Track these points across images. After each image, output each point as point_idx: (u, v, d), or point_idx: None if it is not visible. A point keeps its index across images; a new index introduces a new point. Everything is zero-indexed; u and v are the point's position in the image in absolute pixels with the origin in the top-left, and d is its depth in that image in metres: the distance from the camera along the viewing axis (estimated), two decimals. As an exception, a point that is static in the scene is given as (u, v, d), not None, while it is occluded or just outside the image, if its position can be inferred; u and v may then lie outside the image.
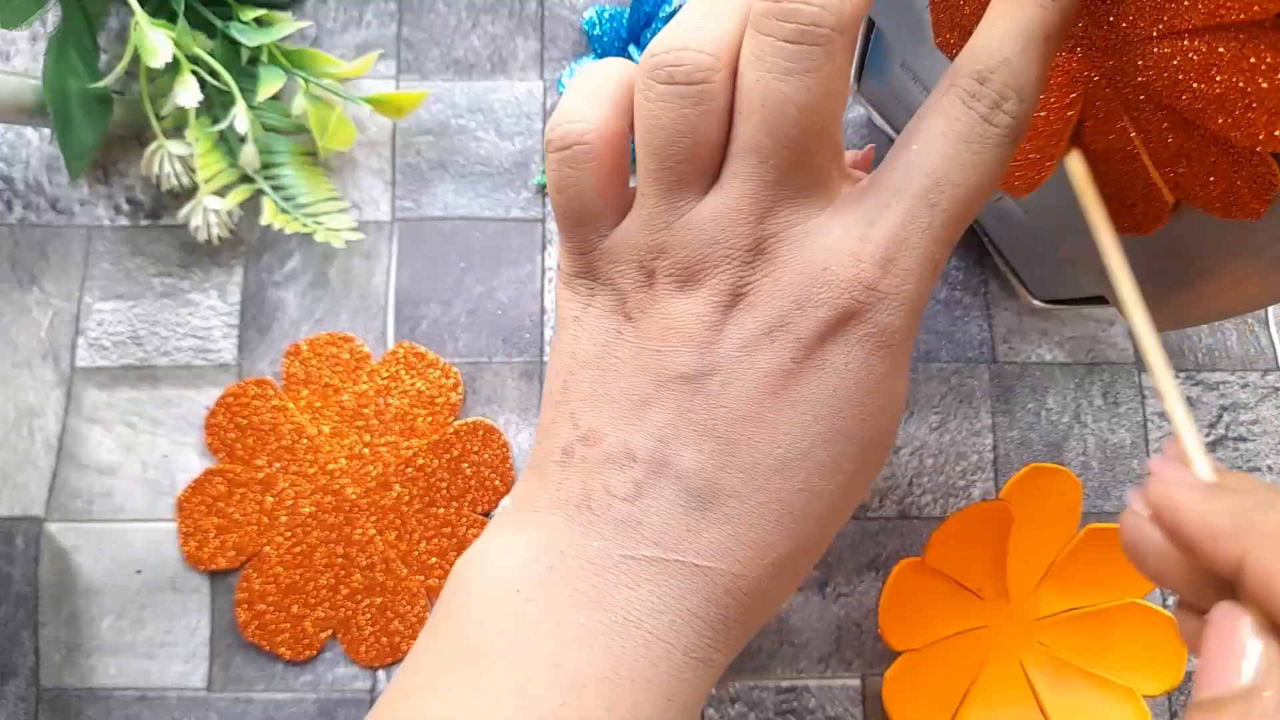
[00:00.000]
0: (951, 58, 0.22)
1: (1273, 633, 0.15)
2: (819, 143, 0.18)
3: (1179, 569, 0.17)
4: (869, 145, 0.27)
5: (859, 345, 0.18)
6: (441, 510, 0.34)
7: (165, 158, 0.33)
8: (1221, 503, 0.16)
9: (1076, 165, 0.21)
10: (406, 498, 0.34)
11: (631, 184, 0.20)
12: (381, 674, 0.33)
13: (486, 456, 0.34)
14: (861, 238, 0.18)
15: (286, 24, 0.35)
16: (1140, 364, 0.36)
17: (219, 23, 0.34)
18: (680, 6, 0.34)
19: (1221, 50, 0.16)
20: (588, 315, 0.21)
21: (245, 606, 0.33)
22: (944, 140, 0.18)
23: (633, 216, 0.20)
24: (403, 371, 0.35)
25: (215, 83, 0.33)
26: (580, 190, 0.20)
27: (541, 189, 0.37)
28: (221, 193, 0.34)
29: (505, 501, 0.24)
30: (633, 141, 0.20)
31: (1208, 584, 0.16)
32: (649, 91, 0.18)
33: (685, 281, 0.19)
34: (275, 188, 0.35)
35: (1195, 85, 0.17)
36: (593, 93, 0.20)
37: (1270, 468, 0.35)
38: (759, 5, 0.17)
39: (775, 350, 0.18)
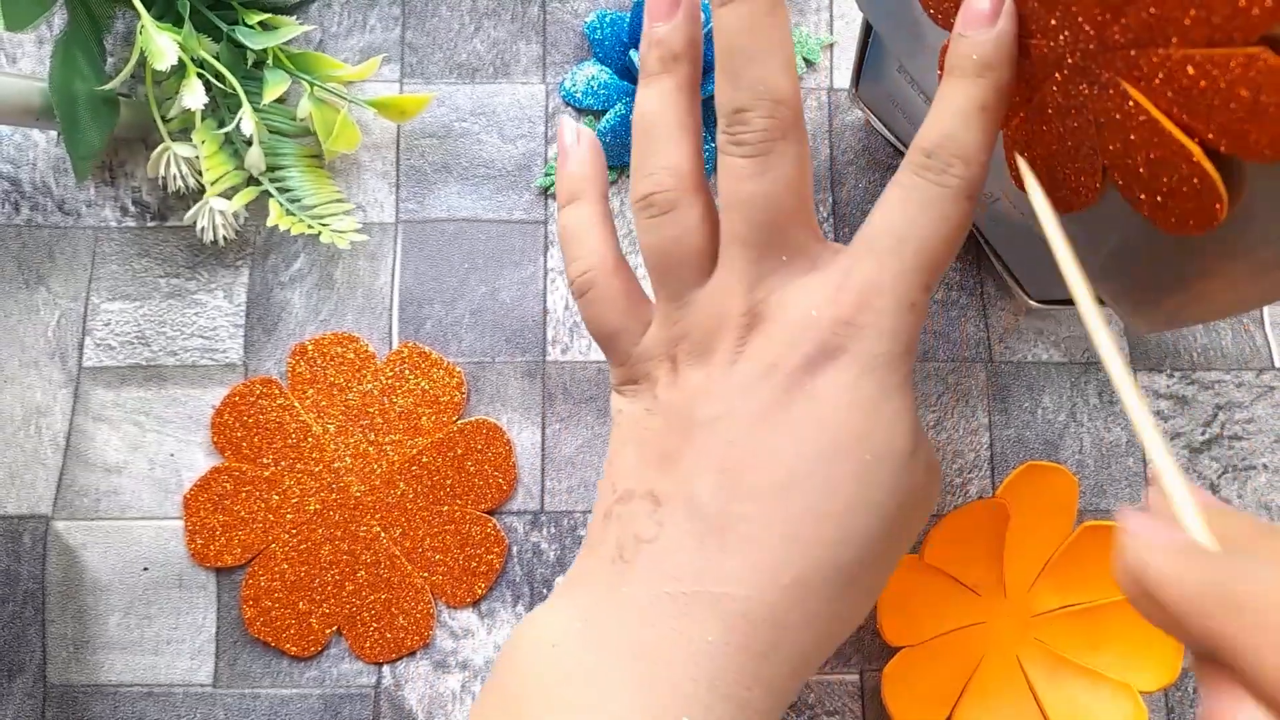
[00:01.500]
0: (936, 23, 0.23)
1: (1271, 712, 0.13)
2: (791, 220, 0.21)
3: (1179, 628, 0.15)
4: None
5: (843, 372, 0.21)
6: (445, 508, 0.34)
7: (171, 160, 0.34)
8: (1198, 571, 0.15)
9: (1026, 168, 0.22)
10: (411, 495, 0.34)
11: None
12: (386, 670, 0.34)
13: (490, 455, 0.34)
14: (838, 286, 0.21)
15: (291, 28, 0.35)
16: (1135, 363, 0.36)
17: (224, 26, 0.34)
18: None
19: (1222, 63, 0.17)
20: (631, 407, 0.24)
21: (251, 603, 0.33)
22: (903, 205, 0.21)
23: (654, 322, 0.24)
24: (407, 371, 0.35)
25: (221, 86, 0.34)
26: (604, 319, 0.24)
27: (543, 191, 0.37)
28: (228, 194, 0.35)
29: (558, 581, 0.26)
30: None
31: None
32: (639, 224, 0.23)
33: (700, 356, 0.22)
34: (281, 190, 0.35)
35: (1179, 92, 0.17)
36: (583, 241, 0.24)
37: (1265, 465, 0.35)
38: (720, 133, 0.22)
39: (769, 387, 0.21)
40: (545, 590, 0.34)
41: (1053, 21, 0.20)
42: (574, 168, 0.25)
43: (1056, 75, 0.21)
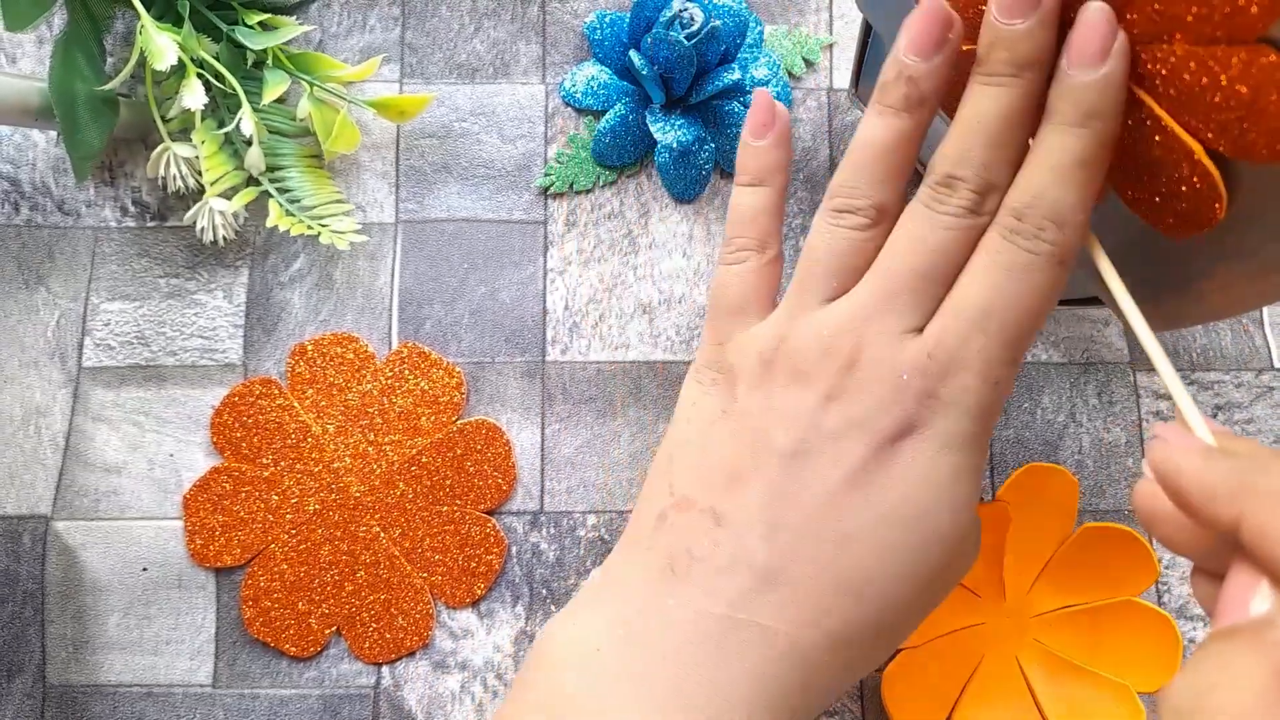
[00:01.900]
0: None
1: (1274, 586, 0.15)
2: (934, 285, 0.21)
3: (1190, 534, 0.18)
4: None
5: (923, 445, 0.21)
6: (445, 508, 0.34)
7: (171, 160, 0.34)
8: (1220, 466, 0.16)
9: None
10: (410, 495, 0.34)
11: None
12: (385, 670, 0.34)
13: (489, 455, 0.34)
14: (929, 354, 0.21)
15: (291, 28, 0.35)
16: (1135, 363, 0.36)
17: (224, 26, 0.34)
18: (678, 13, 0.34)
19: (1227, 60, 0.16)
20: (704, 400, 0.23)
21: (251, 603, 0.33)
22: (989, 274, 0.20)
23: (771, 316, 0.23)
24: (406, 371, 0.35)
25: (221, 86, 0.34)
26: (734, 291, 0.24)
27: (543, 191, 0.37)
28: (227, 195, 0.35)
29: (595, 573, 0.25)
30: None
31: (1218, 548, 0.17)
32: (823, 220, 0.23)
33: (795, 376, 0.22)
34: (281, 190, 0.35)
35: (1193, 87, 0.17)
36: (757, 220, 0.24)
37: (1264, 467, 0.35)
38: (929, 181, 0.21)
39: (856, 443, 0.21)
40: (545, 590, 0.34)
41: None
42: (769, 147, 0.25)
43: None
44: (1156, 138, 0.19)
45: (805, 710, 0.21)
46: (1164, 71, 0.18)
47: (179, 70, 0.33)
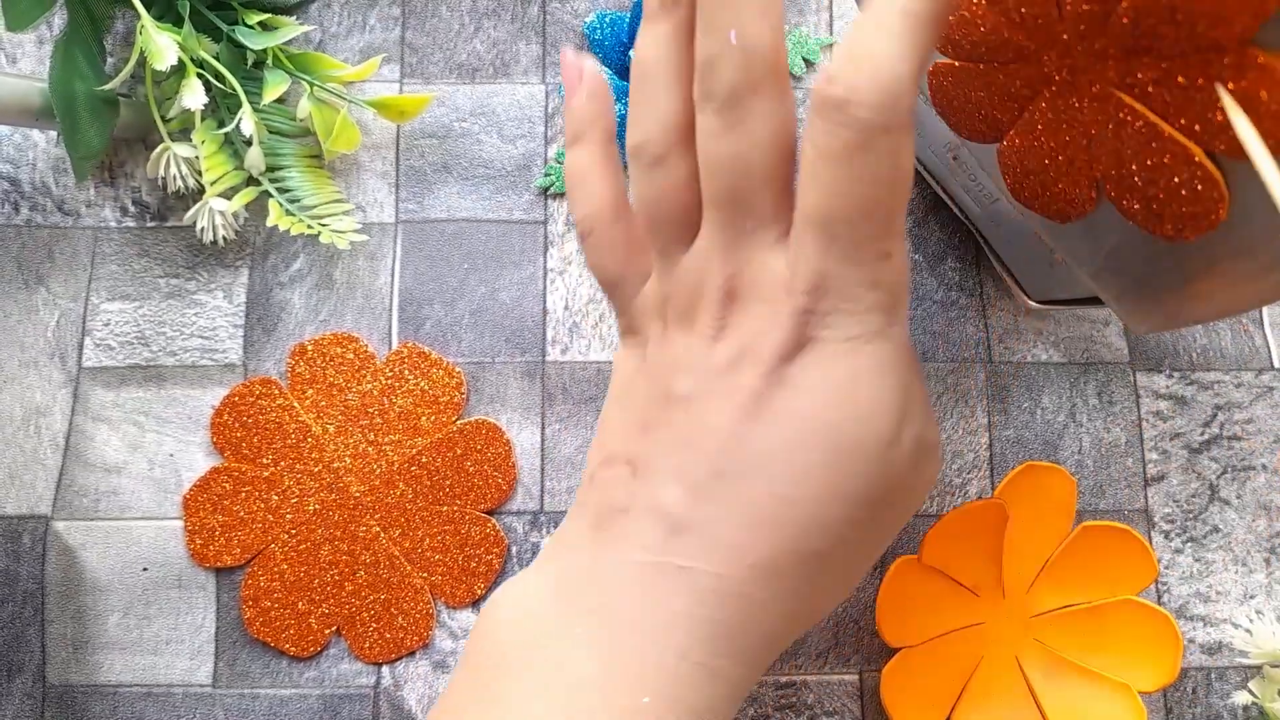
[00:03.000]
0: (939, 50, 0.23)
1: None
2: (762, 185, 0.20)
3: None
4: None
5: (813, 359, 0.20)
6: (445, 508, 0.34)
7: (171, 160, 0.34)
8: None
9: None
10: (410, 495, 0.34)
11: None
12: (385, 670, 0.34)
13: (489, 455, 0.34)
14: (792, 271, 0.20)
15: (291, 28, 0.35)
16: (1135, 363, 0.36)
17: (224, 26, 0.34)
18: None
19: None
20: (626, 363, 0.24)
21: (250, 603, 0.33)
22: (816, 170, 0.19)
23: (653, 275, 0.23)
24: (407, 371, 0.35)
25: (221, 86, 0.34)
26: (604, 266, 0.24)
27: (543, 191, 0.37)
28: (227, 195, 0.35)
29: (546, 542, 0.26)
30: None
31: None
32: (631, 173, 0.22)
33: (684, 321, 0.22)
34: (281, 190, 0.35)
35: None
36: (588, 181, 0.24)
37: (1264, 466, 0.35)
38: (696, 84, 0.20)
39: (744, 374, 0.20)
40: (545, 590, 0.34)
41: (1033, 46, 0.20)
42: (577, 106, 0.24)
43: (1045, 92, 0.21)
44: (1153, 144, 0.19)
45: (758, 650, 0.20)
46: (1155, 77, 0.18)
47: (179, 70, 0.33)
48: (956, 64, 0.23)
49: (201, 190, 0.34)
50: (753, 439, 0.20)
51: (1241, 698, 0.34)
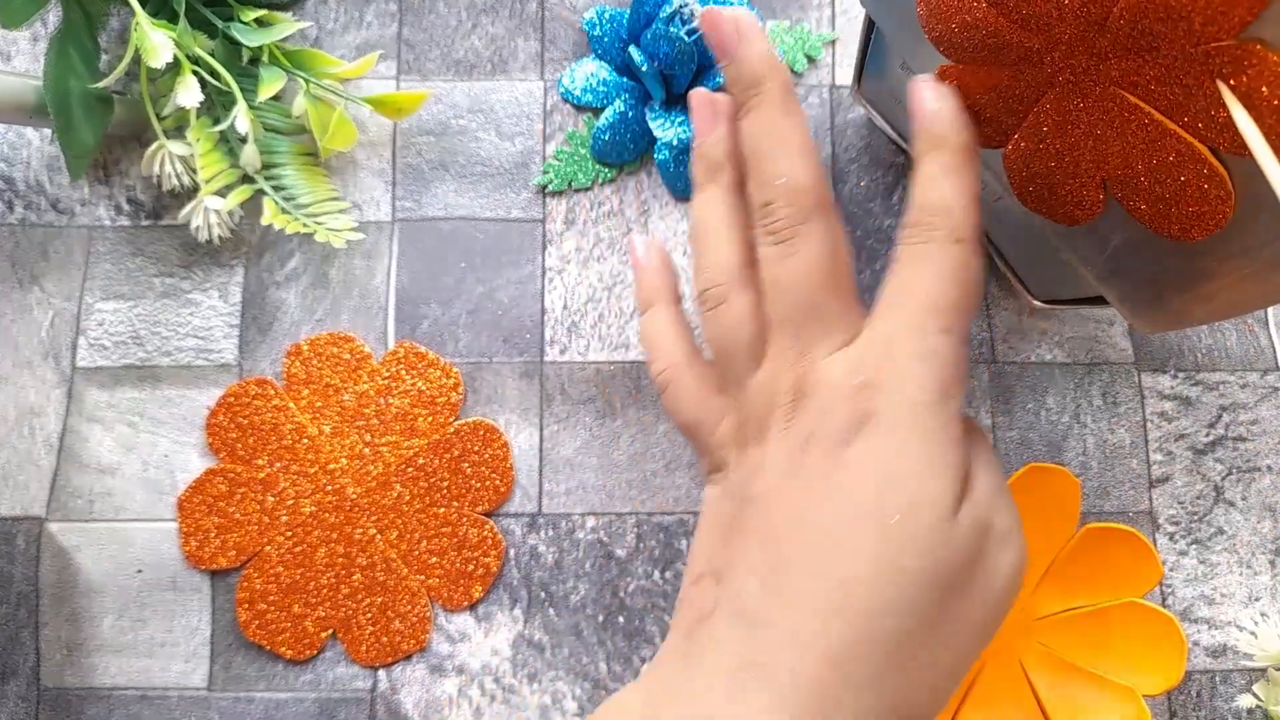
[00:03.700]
0: (943, 53, 0.23)
1: None
2: (824, 295, 0.23)
3: None
4: None
5: (871, 435, 0.21)
6: (442, 510, 0.34)
7: (166, 158, 0.33)
8: None
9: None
10: (407, 497, 0.34)
11: None
12: (382, 674, 0.33)
13: (487, 456, 0.34)
14: (858, 354, 0.22)
15: (287, 24, 0.35)
16: (1140, 364, 0.36)
17: (220, 23, 0.34)
18: (678, 9, 0.34)
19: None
20: (712, 494, 0.25)
21: (246, 606, 0.33)
22: (900, 266, 0.22)
23: (724, 417, 0.25)
24: (403, 371, 0.35)
25: (216, 83, 0.33)
26: (682, 411, 0.26)
27: (541, 189, 0.37)
28: (222, 193, 0.34)
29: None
30: None
31: None
32: (701, 320, 0.25)
33: (758, 437, 0.23)
34: (276, 188, 0.35)
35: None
36: (662, 343, 0.27)
37: (1270, 467, 0.35)
38: (756, 228, 0.24)
39: (808, 459, 0.21)
40: (543, 593, 0.34)
41: (1036, 46, 0.20)
42: (648, 279, 0.28)
43: (1049, 94, 0.21)
44: (1158, 143, 0.18)
45: None
46: (1158, 76, 0.18)
47: (174, 67, 0.33)
48: (960, 67, 0.22)
49: (196, 188, 0.34)
50: (814, 521, 0.20)
51: (1246, 701, 0.33)
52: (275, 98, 0.35)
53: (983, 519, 0.20)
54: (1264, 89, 0.16)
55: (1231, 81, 0.16)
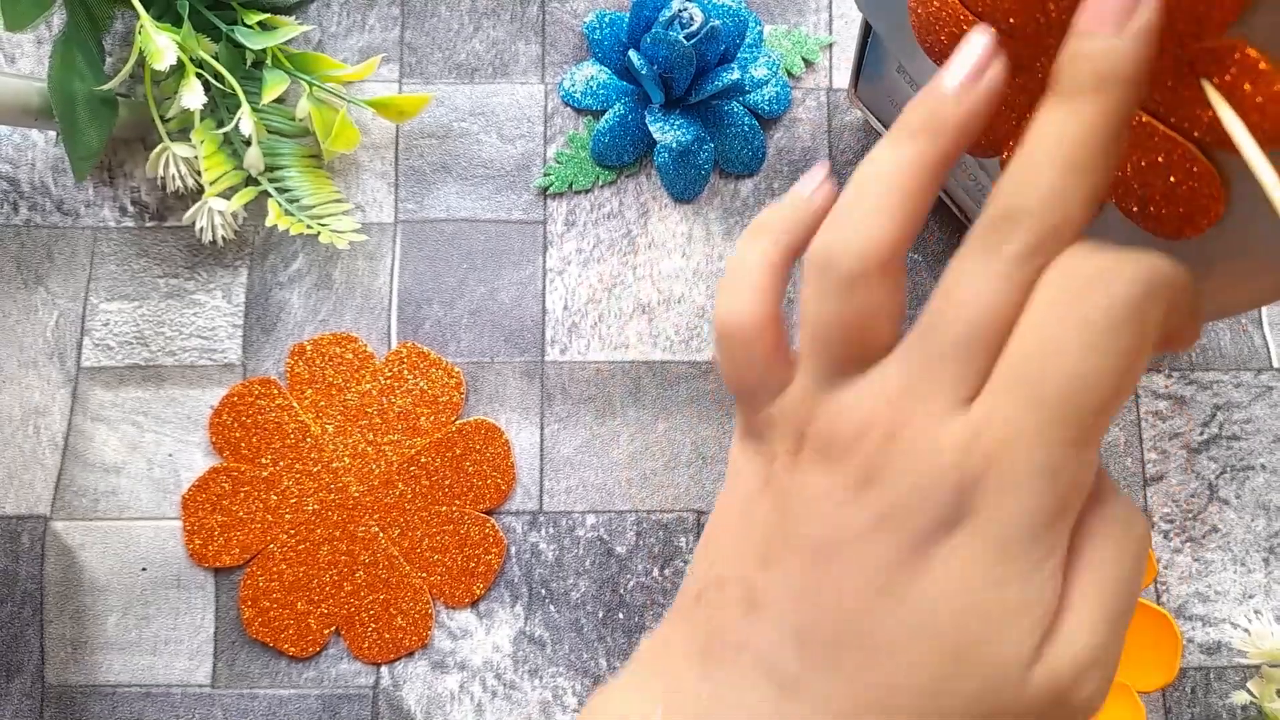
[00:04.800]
0: (936, 62, 0.23)
1: None
2: (980, 348, 0.18)
3: None
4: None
5: (962, 545, 0.18)
6: (444, 508, 0.34)
7: (170, 160, 0.34)
8: None
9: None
10: (409, 495, 0.34)
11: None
12: (385, 670, 0.34)
13: (488, 455, 0.34)
14: (976, 433, 0.18)
15: (290, 28, 0.35)
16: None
17: (223, 26, 0.34)
18: (678, 13, 0.34)
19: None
20: (744, 472, 0.22)
21: (250, 603, 0.33)
22: (1045, 330, 0.17)
23: (795, 384, 0.21)
24: (406, 371, 0.35)
25: (220, 86, 0.34)
26: (742, 371, 0.21)
27: (542, 192, 0.37)
28: (226, 195, 0.35)
29: (642, 642, 0.25)
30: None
31: None
32: (812, 281, 0.20)
33: (826, 455, 0.19)
34: (280, 190, 0.35)
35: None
36: (744, 282, 0.21)
37: (1263, 466, 0.35)
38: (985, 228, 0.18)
39: (886, 544, 0.18)
40: (544, 590, 0.34)
41: (1026, 54, 0.20)
42: (789, 211, 0.22)
43: (1041, 99, 0.21)
44: (1147, 143, 0.19)
45: None
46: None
47: (178, 70, 0.33)
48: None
49: (200, 190, 0.34)
50: (877, 615, 0.19)
51: (1240, 697, 0.34)
52: (279, 100, 0.36)
53: (1060, 688, 0.18)
54: (1246, 86, 0.16)
55: (1215, 80, 0.17)
